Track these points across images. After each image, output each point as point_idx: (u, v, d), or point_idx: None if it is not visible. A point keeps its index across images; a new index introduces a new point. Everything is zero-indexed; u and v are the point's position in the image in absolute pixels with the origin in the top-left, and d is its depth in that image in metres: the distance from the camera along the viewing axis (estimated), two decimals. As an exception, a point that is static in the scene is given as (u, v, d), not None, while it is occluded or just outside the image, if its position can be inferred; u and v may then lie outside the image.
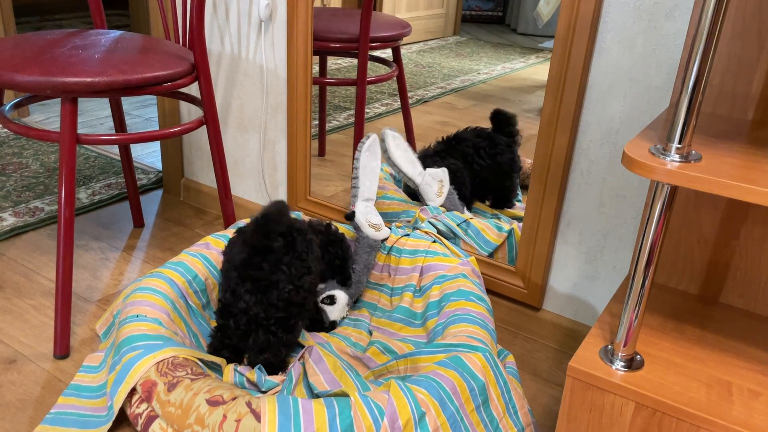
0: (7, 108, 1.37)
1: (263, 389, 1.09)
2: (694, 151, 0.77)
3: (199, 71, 1.38)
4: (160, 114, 1.88)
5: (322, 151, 1.86)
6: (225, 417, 0.91)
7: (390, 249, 1.37)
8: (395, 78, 1.75)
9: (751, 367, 0.86)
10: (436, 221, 1.43)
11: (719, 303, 1.02)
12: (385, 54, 1.73)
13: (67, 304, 1.25)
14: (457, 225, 1.44)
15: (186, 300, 1.23)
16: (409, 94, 1.86)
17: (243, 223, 1.41)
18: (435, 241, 1.35)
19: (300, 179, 1.64)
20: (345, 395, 0.96)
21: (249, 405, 0.92)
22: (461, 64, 1.90)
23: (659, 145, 0.77)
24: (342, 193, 1.72)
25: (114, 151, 2.26)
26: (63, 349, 1.26)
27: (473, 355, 1.03)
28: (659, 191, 0.76)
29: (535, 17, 1.77)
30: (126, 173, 1.72)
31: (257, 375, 1.09)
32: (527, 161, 1.59)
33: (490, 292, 1.41)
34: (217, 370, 1.11)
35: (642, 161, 0.73)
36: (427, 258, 1.32)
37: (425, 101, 1.87)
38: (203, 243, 1.34)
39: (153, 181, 2.03)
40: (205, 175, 1.89)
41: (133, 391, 1.03)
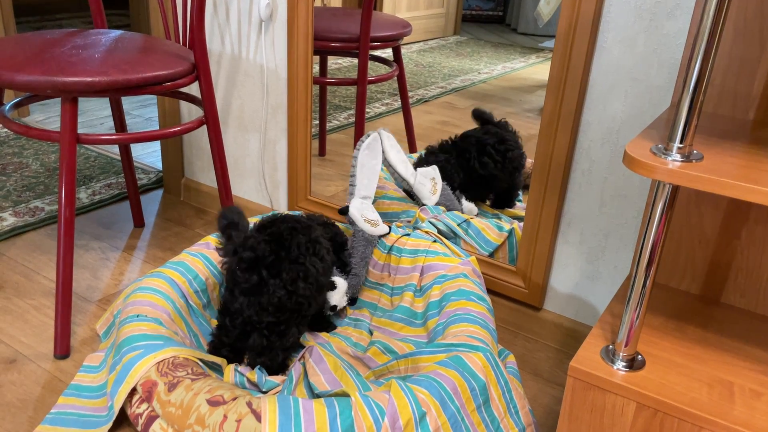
0: (7, 108, 1.37)
1: (264, 389, 1.09)
2: (695, 151, 0.77)
3: (200, 71, 1.37)
4: (160, 114, 1.88)
5: (322, 151, 1.85)
6: (225, 417, 0.91)
7: (390, 248, 1.37)
8: (396, 78, 1.75)
9: (753, 367, 0.86)
10: (436, 221, 1.43)
11: (720, 303, 1.01)
12: (386, 54, 1.73)
13: (68, 304, 1.25)
14: (458, 225, 1.44)
15: (186, 300, 1.23)
16: (410, 93, 1.86)
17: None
18: (435, 241, 1.35)
19: (300, 179, 1.64)
20: (346, 395, 0.96)
21: (249, 405, 0.92)
22: (462, 63, 1.90)
23: (661, 145, 0.77)
24: (342, 193, 1.72)
25: (114, 151, 2.26)
26: (63, 349, 1.26)
27: (474, 355, 1.03)
28: (660, 191, 0.76)
29: (536, 17, 1.77)
30: (126, 173, 1.72)
31: (258, 375, 1.09)
32: (528, 161, 1.59)
33: (490, 291, 1.41)
34: (218, 370, 1.11)
35: (643, 161, 0.73)
36: (428, 258, 1.32)
37: (426, 101, 1.87)
38: (204, 243, 1.34)
39: (153, 181, 2.03)
40: (206, 175, 1.89)
41: (134, 391, 1.03)
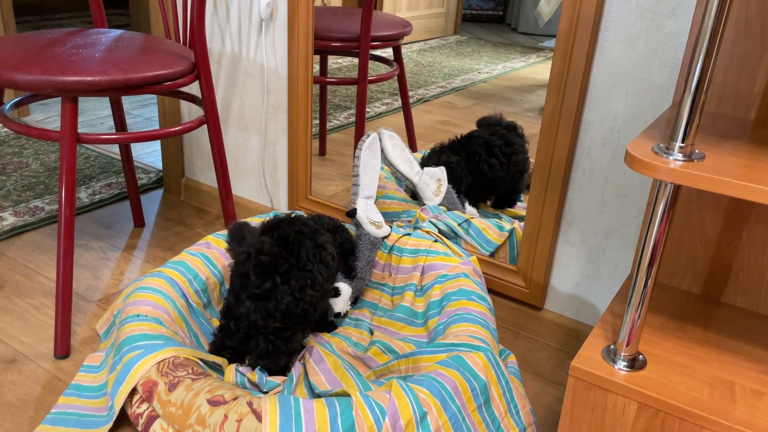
0: (8, 107, 1.37)
1: (264, 389, 1.08)
2: (697, 150, 0.77)
3: (200, 70, 1.37)
4: (160, 113, 1.88)
5: (322, 151, 1.85)
6: (226, 417, 0.91)
7: (391, 248, 1.37)
8: (396, 77, 1.75)
9: (754, 367, 0.86)
10: (437, 221, 1.43)
11: (722, 303, 1.01)
12: (386, 53, 1.72)
13: (68, 303, 1.25)
14: (458, 225, 1.44)
15: (187, 299, 1.22)
16: (410, 93, 1.86)
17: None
18: (436, 241, 1.35)
19: (301, 178, 1.64)
20: (346, 395, 0.96)
21: (250, 405, 0.92)
22: (462, 63, 1.90)
23: (662, 144, 0.77)
24: (343, 193, 1.72)
25: (114, 151, 2.26)
26: (63, 349, 1.25)
27: (475, 355, 1.03)
28: (662, 190, 0.76)
29: (536, 16, 1.77)
30: (126, 173, 1.72)
31: (258, 375, 1.09)
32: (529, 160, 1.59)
33: (491, 291, 1.41)
34: (219, 370, 1.11)
35: (645, 160, 0.73)
36: (429, 257, 1.32)
37: (426, 100, 1.87)
38: (204, 242, 1.34)
39: (153, 181, 2.02)
40: (206, 175, 1.89)
41: (134, 391, 1.03)
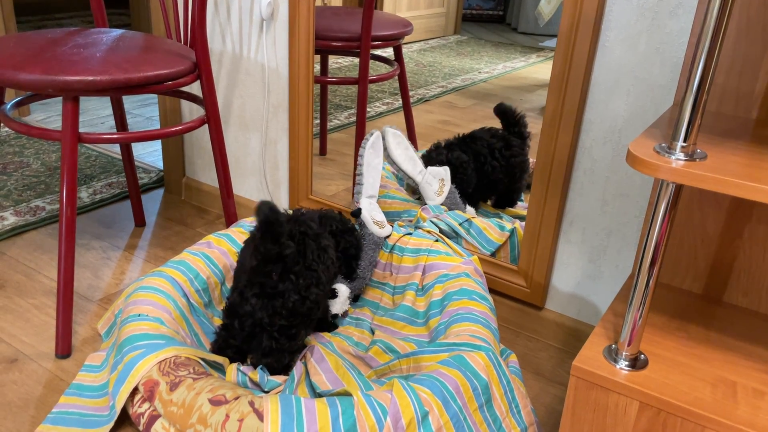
0: (8, 107, 1.37)
1: (266, 389, 1.08)
2: (699, 150, 0.77)
3: (201, 70, 1.37)
4: (161, 113, 1.88)
5: (323, 150, 1.85)
6: (228, 416, 0.91)
7: (392, 247, 1.37)
8: (396, 77, 1.75)
9: (756, 367, 0.86)
10: (438, 220, 1.43)
11: (723, 302, 1.01)
12: (387, 53, 1.72)
13: (69, 303, 1.25)
14: (459, 224, 1.44)
15: (188, 298, 1.22)
16: (410, 93, 1.86)
17: (246, 222, 1.41)
18: (437, 240, 1.35)
19: (302, 178, 1.64)
20: (348, 394, 0.96)
21: (252, 404, 0.92)
22: (462, 63, 1.90)
23: (664, 144, 0.77)
24: (343, 192, 1.72)
25: (115, 150, 2.26)
26: (65, 349, 1.25)
27: (476, 355, 1.03)
28: (664, 190, 0.76)
29: (536, 16, 1.77)
30: (127, 172, 1.72)
31: (260, 375, 1.09)
32: (530, 160, 1.58)
33: (492, 291, 1.41)
34: (220, 369, 1.11)
35: (647, 160, 0.73)
36: (430, 257, 1.32)
37: (426, 100, 1.87)
38: (205, 242, 1.34)
39: (154, 180, 2.02)
40: (207, 174, 1.89)
41: (135, 391, 1.03)
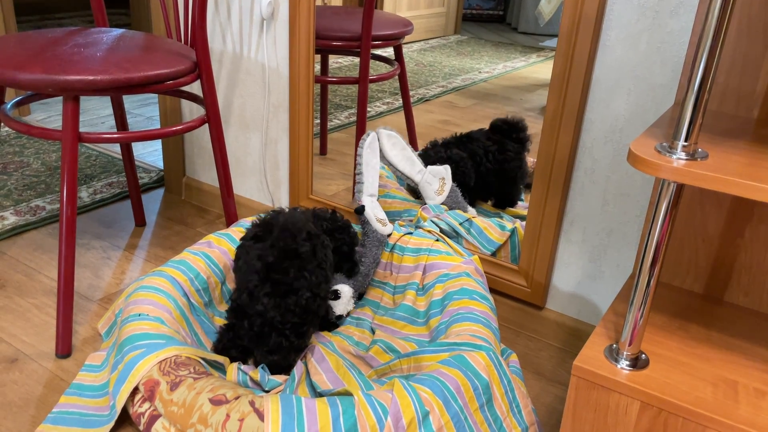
0: (9, 106, 1.37)
1: (266, 388, 1.08)
2: (700, 149, 0.76)
3: (201, 69, 1.37)
4: (161, 113, 1.88)
5: (323, 150, 1.85)
6: (228, 416, 0.91)
7: (393, 247, 1.37)
8: (397, 76, 1.75)
9: (757, 366, 0.86)
10: (438, 220, 1.43)
11: (724, 302, 1.01)
12: (387, 53, 1.72)
13: (69, 303, 1.24)
14: (460, 224, 1.44)
15: (188, 298, 1.22)
16: (411, 92, 1.86)
17: (247, 222, 1.41)
18: (438, 240, 1.35)
19: (302, 178, 1.64)
20: (348, 394, 0.95)
21: (252, 404, 0.92)
22: (462, 62, 1.90)
23: (665, 143, 0.77)
24: (344, 192, 1.72)
25: (115, 150, 2.26)
26: (65, 348, 1.25)
27: (477, 354, 1.03)
28: (665, 189, 0.76)
29: (537, 16, 1.77)
30: (127, 172, 1.72)
31: (260, 374, 1.09)
32: (530, 160, 1.58)
33: (493, 290, 1.41)
34: (220, 369, 1.11)
35: (648, 159, 0.73)
36: (430, 256, 1.32)
37: (426, 100, 1.87)
38: (205, 241, 1.34)
39: (154, 180, 2.02)
40: (207, 174, 1.89)
41: (136, 391, 1.03)
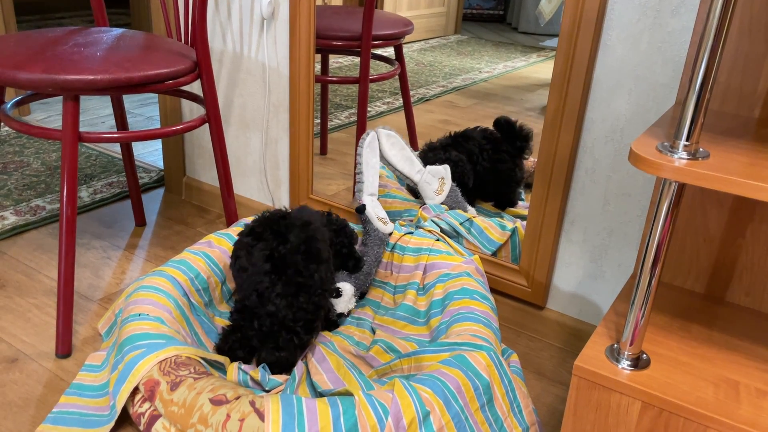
0: (9, 106, 1.37)
1: (267, 388, 1.08)
2: (701, 149, 0.76)
3: (202, 69, 1.37)
4: (161, 112, 1.87)
5: (324, 150, 1.85)
6: (228, 416, 0.90)
7: (393, 247, 1.37)
8: (397, 76, 1.75)
9: (759, 366, 0.86)
10: (438, 220, 1.43)
11: (725, 302, 1.01)
12: (387, 52, 1.72)
13: (69, 302, 1.24)
14: (460, 224, 1.43)
15: (189, 298, 1.22)
16: (411, 92, 1.86)
17: (247, 222, 1.41)
18: (438, 240, 1.35)
19: (302, 177, 1.63)
20: (349, 394, 0.95)
21: (253, 404, 0.91)
22: (463, 62, 1.90)
23: (666, 143, 0.77)
24: (344, 192, 1.72)
25: (115, 150, 2.26)
26: (65, 348, 1.25)
27: (478, 354, 1.03)
28: (666, 189, 0.76)
29: (537, 15, 1.77)
30: (128, 172, 1.72)
31: (261, 374, 1.09)
32: (531, 159, 1.58)
33: (493, 290, 1.41)
34: (221, 369, 1.11)
35: (650, 159, 0.73)
36: (431, 256, 1.32)
37: (427, 100, 1.87)
38: (206, 241, 1.34)
39: (155, 180, 2.02)
40: (207, 174, 1.89)
41: (136, 390, 1.03)
